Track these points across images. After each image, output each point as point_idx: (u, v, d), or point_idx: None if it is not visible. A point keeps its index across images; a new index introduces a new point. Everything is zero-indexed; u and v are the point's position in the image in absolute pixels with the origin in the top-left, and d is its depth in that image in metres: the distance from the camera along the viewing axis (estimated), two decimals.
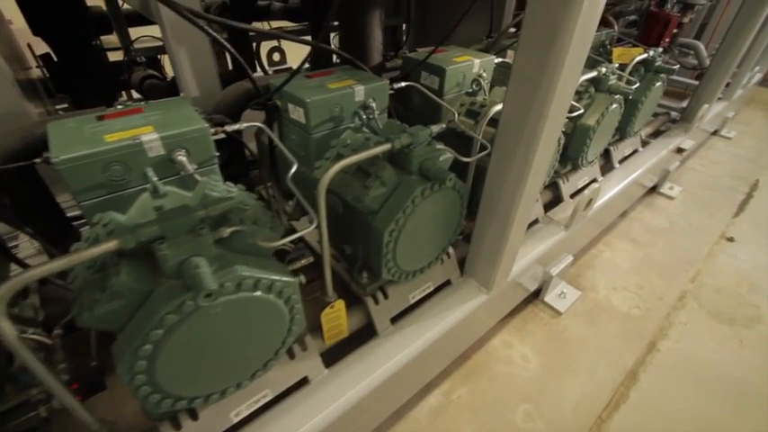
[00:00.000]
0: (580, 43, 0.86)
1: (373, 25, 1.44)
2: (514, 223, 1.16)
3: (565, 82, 0.90)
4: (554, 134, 1.04)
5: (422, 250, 1.19)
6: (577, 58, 0.90)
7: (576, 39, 0.84)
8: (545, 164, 1.10)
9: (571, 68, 0.90)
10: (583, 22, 0.82)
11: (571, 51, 0.85)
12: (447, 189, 1.10)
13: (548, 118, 0.94)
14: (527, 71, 0.93)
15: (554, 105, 0.93)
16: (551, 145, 1.06)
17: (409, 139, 1.00)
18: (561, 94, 0.93)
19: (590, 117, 1.66)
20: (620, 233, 2.42)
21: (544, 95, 0.92)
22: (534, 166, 1.04)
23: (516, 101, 0.99)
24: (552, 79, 0.89)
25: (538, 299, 1.94)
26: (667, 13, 2.91)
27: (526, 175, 1.05)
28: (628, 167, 2.20)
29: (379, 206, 1.04)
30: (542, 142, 0.99)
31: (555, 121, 0.98)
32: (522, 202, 1.11)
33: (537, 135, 0.98)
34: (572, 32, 0.83)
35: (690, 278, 2.13)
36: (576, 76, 0.94)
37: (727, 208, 2.69)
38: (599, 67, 1.65)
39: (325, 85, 1.20)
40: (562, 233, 1.68)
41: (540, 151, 1.02)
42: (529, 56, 0.92)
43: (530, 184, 1.08)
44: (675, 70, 1.99)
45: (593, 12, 0.84)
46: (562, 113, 1.00)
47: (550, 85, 0.90)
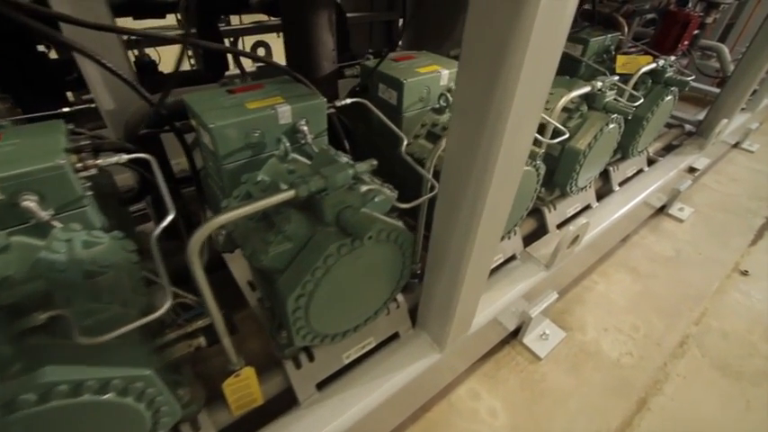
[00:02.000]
0: (537, 63, 0.64)
1: (319, 27, 1.22)
2: (466, 278, 0.94)
3: (520, 113, 0.68)
4: (512, 174, 0.81)
5: (351, 309, 0.98)
6: (536, 81, 0.67)
7: (531, 58, 0.61)
8: (502, 209, 0.87)
9: (527, 95, 0.67)
10: (540, 37, 0.60)
11: (525, 75, 0.62)
12: (378, 242, 0.89)
13: (498, 158, 0.72)
14: (468, 101, 0.71)
15: (507, 143, 0.70)
16: (509, 187, 0.84)
17: (321, 183, 0.79)
18: (516, 127, 0.70)
19: (581, 139, 1.42)
20: (618, 261, 2.18)
21: (491, 132, 0.69)
22: (486, 213, 0.82)
23: (459, 137, 0.77)
24: (501, 111, 0.66)
25: (516, 339, 1.72)
26: (687, 13, 2.61)
27: (475, 225, 0.83)
28: (629, 191, 1.94)
29: (286, 264, 0.84)
30: (495, 186, 0.77)
31: (511, 161, 0.76)
32: (475, 254, 0.89)
33: (486, 178, 0.75)
34: (523, 50, 0.60)
35: (694, 319, 1.88)
36: (537, 101, 0.72)
37: (743, 234, 2.41)
38: (594, 81, 1.40)
39: (244, 104, 1.00)
40: (542, 273, 1.45)
41: (494, 196, 0.79)
42: (469, 83, 0.70)
43: (482, 234, 0.86)
44: (689, 83, 1.72)
45: (554, 23, 0.61)
46: (521, 150, 0.78)
47: (499, 119, 0.67)
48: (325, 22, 1.23)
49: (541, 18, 0.57)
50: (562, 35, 0.63)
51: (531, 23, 0.57)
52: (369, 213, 0.90)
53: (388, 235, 0.90)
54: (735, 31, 3.61)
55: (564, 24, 0.62)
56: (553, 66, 0.67)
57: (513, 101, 0.65)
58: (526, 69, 0.61)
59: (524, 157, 0.79)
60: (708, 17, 3.02)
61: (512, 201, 0.86)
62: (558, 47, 0.64)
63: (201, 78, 2.20)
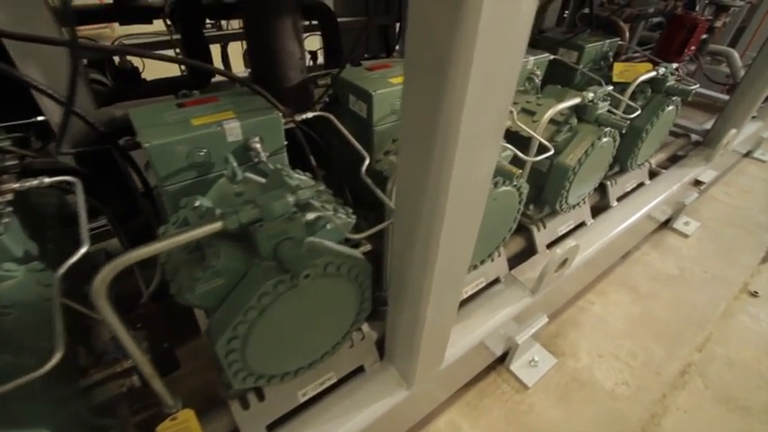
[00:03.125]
0: (487, 76, 0.54)
1: (282, 35, 1.13)
2: (427, 314, 0.84)
3: (472, 132, 0.58)
4: (472, 200, 0.71)
5: (302, 346, 0.89)
6: (490, 96, 0.56)
7: (478, 73, 0.51)
8: (464, 238, 0.77)
9: (479, 112, 0.56)
10: (489, 46, 0.50)
11: (472, 92, 0.52)
12: (326, 276, 0.80)
13: (450, 185, 0.62)
14: (412, 121, 0.61)
15: (460, 166, 0.60)
16: (471, 214, 0.74)
17: (255, 214, 0.70)
18: (470, 148, 0.60)
19: (570, 155, 1.31)
20: (617, 279, 2.05)
21: (440, 157, 0.60)
22: (444, 244, 0.71)
23: (408, 161, 0.68)
24: (448, 132, 0.56)
25: (503, 365, 1.61)
26: (694, 17, 2.48)
27: (432, 258, 0.73)
28: (628, 206, 1.82)
29: (219, 302, 0.75)
30: (452, 215, 0.67)
31: (468, 186, 0.66)
32: (435, 288, 0.79)
33: (438, 208, 0.65)
34: (468, 65, 0.50)
35: (697, 345, 1.75)
36: (493, 118, 0.61)
37: (753, 251, 2.27)
38: (585, 92, 1.29)
39: (190, 119, 0.92)
40: (527, 299, 1.35)
41: (452, 225, 0.69)
42: (413, 101, 0.60)
43: (442, 266, 0.76)
44: (691, 92, 1.60)
45: (506, 29, 0.51)
46: (481, 173, 0.67)
47: (447, 141, 0.57)
48: (289, 30, 1.14)
49: (488, 24, 0.47)
50: (518, 43, 0.53)
51: (473, 31, 0.47)
52: (317, 244, 0.81)
53: (338, 268, 0.81)
54: (746, 35, 3.46)
55: (519, 30, 0.52)
56: (511, 79, 0.57)
57: (461, 118, 0.55)
58: (474, 84, 0.51)
59: (485, 181, 0.69)
60: (717, 21, 2.88)
61: (476, 229, 0.76)
62: (514, 55, 0.54)
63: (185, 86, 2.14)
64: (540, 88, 1.56)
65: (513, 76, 0.56)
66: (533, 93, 1.50)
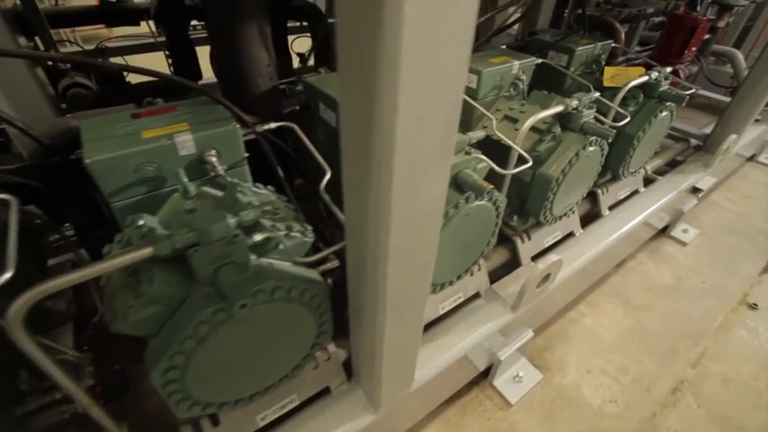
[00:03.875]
0: (420, 96, 0.48)
1: (246, 41, 1.09)
2: (385, 339, 0.79)
3: (411, 157, 0.53)
4: (424, 221, 0.66)
5: (255, 372, 0.84)
6: (427, 119, 0.51)
7: (409, 92, 0.46)
8: (422, 260, 0.72)
9: (418, 126, 0.51)
10: (417, 67, 0.45)
11: (405, 102, 0.47)
12: (274, 301, 0.75)
13: (391, 211, 0.57)
14: (349, 133, 0.56)
15: (400, 191, 0.55)
16: (425, 236, 0.69)
17: (190, 238, 0.65)
18: (411, 175, 0.55)
19: (553, 165, 1.26)
20: (609, 290, 1.98)
21: (378, 182, 0.54)
22: (395, 268, 0.66)
23: (351, 183, 0.62)
24: (382, 158, 0.51)
25: (487, 380, 1.56)
26: (694, 18, 2.40)
27: (382, 281, 0.68)
28: (620, 216, 1.76)
29: (156, 329, 0.71)
30: (399, 236, 0.62)
31: (415, 207, 0.60)
32: (392, 313, 0.74)
33: (381, 232, 0.60)
34: (395, 74, 0.45)
35: (691, 361, 1.68)
36: (441, 137, 0.56)
37: (753, 260, 2.19)
38: (569, 99, 1.23)
39: (140, 132, 0.87)
40: (507, 315, 1.29)
41: (401, 247, 0.64)
42: (349, 122, 0.55)
43: (396, 289, 0.71)
44: (685, 98, 1.53)
45: (438, 30, 0.46)
46: (433, 190, 0.62)
47: (382, 168, 0.52)
48: (254, 35, 1.09)
49: (413, 39, 0.42)
50: (455, 55, 0.48)
51: (396, 49, 0.42)
52: (266, 267, 0.76)
53: (288, 292, 0.76)
54: (752, 35, 3.35)
55: (456, 43, 0.46)
56: (454, 94, 0.51)
57: (394, 141, 0.50)
58: (406, 104, 0.46)
59: (436, 202, 0.63)
60: (720, 20, 2.79)
61: (432, 251, 0.71)
62: (454, 69, 0.48)
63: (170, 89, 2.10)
64: (526, 94, 1.50)
65: (456, 91, 0.51)
66: (518, 99, 1.44)
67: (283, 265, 0.79)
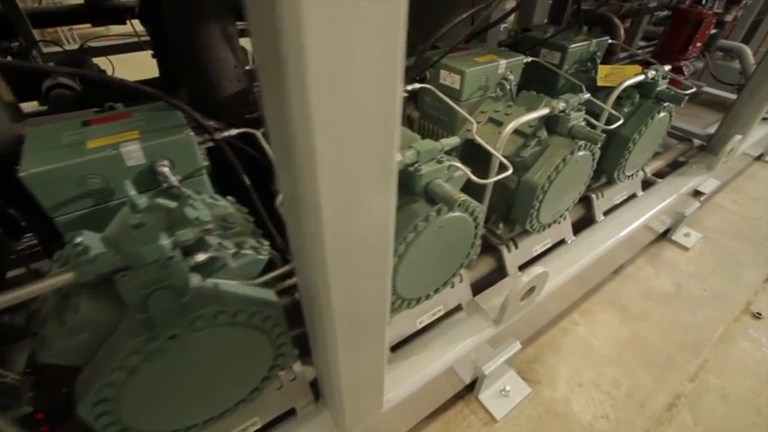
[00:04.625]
0: (341, 114, 0.42)
1: (209, 43, 1.02)
2: (340, 363, 0.73)
3: (340, 176, 0.46)
4: (371, 243, 0.59)
5: (203, 398, 0.79)
6: (353, 138, 0.45)
7: (325, 112, 0.40)
8: (374, 285, 0.66)
9: (342, 154, 0.45)
10: (331, 81, 0.38)
11: (319, 106, 0.40)
12: (218, 327, 0.69)
13: (324, 234, 0.50)
14: (279, 155, 0.50)
15: (332, 213, 0.49)
16: (375, 258, 0.62)
17: (116, 262, 0.59)
18: (341, 195, 0.49)
19: (538, 171, 1.18)
20: (605, 297, 1.91)
21: (307, 204, 0.48)
22: (340, 292, 0.60)
23: (287, 206, 0.56)
24: (305, 180, 0.45)
25: (472, 393, 1.50)
26: (699, 12, 2.29)
27: (328, 313, 0.62)
28: (615, 221, 1.68)
29: (87, 358, 0.65)
30: (340, 263, 0.56)
31: (355, 233, 0.54)
32: (344, 337, 0.68)
33: (317, 255, 0.54)
34: (300, 78, 0.38)
35: (689, 374, 1.60)
36: (376, 155, 0.49)
37: (759, 267, 2.09)
38: (555, 101, 1.15)
39: (87, 141, 0.82)
40: (489, 330, 1.22)
41: (344, 274, 0.58)
42: (273, 130, 0.49)
43: (345, 314, 0.65)
44: (684, 98, 1.44)
45: (361, 41, 0.39)
46: (375, 219, 0.56)
47: (306, 189, 0.46)
48: (218, 36, 1.03)
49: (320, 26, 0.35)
50: (383, 50, 0.41)
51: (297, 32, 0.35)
52: (209, 290, 0.70)
53: (234, 315, 0.70)
54: (762, 29, 3.22)
55: (382, 35, 0.40)
56: (385, 99, 0.44)
57: (315, 160, 0.43)
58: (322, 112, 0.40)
59: (382, 221, 0.57)
60: (727, 14, 2.68)
61: (385, 271, 0.65)
62: (384, 68, 0.42)
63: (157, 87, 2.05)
64: (515, 94, 1.42)
65: (388, 104, 0.44)
66: (505, 100, 1.36)
67: (231, 286, 0.73)
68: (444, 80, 1.35)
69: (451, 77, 1.32)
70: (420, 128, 1.53)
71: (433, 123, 1.47)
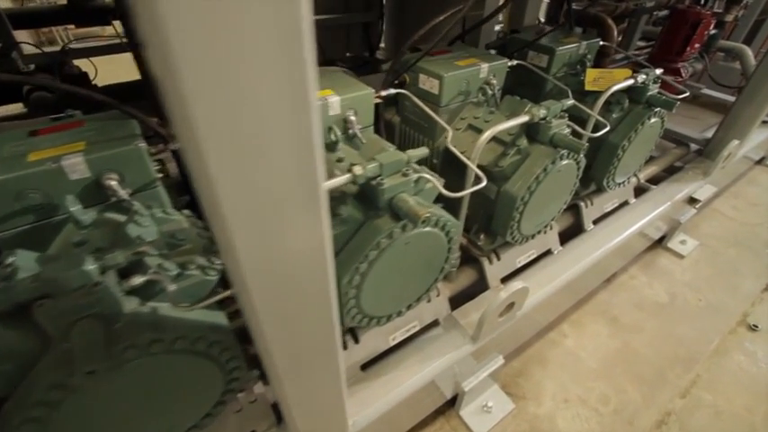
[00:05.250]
0: (248, 137, 0.37)
1: None
2: (287, 393, 0.68)
3: (253, 206, 0.41)
4: (304, 272, 0.54)
5: (142, 428, 0.74)
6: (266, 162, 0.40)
7: (202, 106, 0.35)
8: (315, 313, 0.61)
9: (252, 182, 0.40)
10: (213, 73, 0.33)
11: (209, 130, 0.35)
12: (154, 356, 0.65)
13: (242, 265, 0.46)
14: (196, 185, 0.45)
15: (251, 242, 0.44)
16: (312, 287, 0.57)
17: (34, 290, 0.55)
18: (261, 225, 0.44)
19: (518, 182, 1.13)
20: (596, 307, 1.85)
21: (221, 235, 0.43)
22: (272, 330, 0.55)
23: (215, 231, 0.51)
24: (212, 206, 0.40)
25: (454, 409, 1.44)
26: (697, 12, 2.23)
27: (264, 344, 0.57)
28: (605, 230, 1.62)
29: (10, 389, 0.61)
30: (268, 291, 0.51)
31: (283, 262, 0.49)
32: (286, 366, 0.63)
33: (241, 283, 0.49)
34: (180, 100, 0.34)
35: (681, 390, 1.54)
36: (302, 173, 0.44)
37: (757, 276, 2.03)
38: (536, 108, 1.10)
39: (28, 154, 0.77)
40: (467, 347, 1.17)
41: (277, 303, 0.53)
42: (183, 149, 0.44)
43: (282, 350, 0.60)
44: (676, 103, 1.38)
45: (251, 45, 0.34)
46: (308, 247, 0.51)
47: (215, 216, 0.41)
48: None
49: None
50: (285, 56, 0.36)
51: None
52: (143, 316, 0.66)
53: (172, 344, 0.66)
54: (764, 29, 3.13)
55: (285, 38, 0.34)
56: (298, 115, 0.39)
57: (216, 191, 0.38)
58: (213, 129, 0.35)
59: (316, 249, 0.52)
60: (727, 14, 2.60)
61: (327, 300, 0.60)
62: (289, 78, 0.36)
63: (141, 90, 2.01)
64: (498, 99, 1.37)
65: (302, 122, 0.39)
66: (486, 105, 1.31)
67: (173, 310, 0.68)
68: (423, 85, 1.30)
69: (430, 82, 1.27)
70: (401, 134, 1.48)
71: (414, 129, 1.42)
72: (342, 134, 1.06)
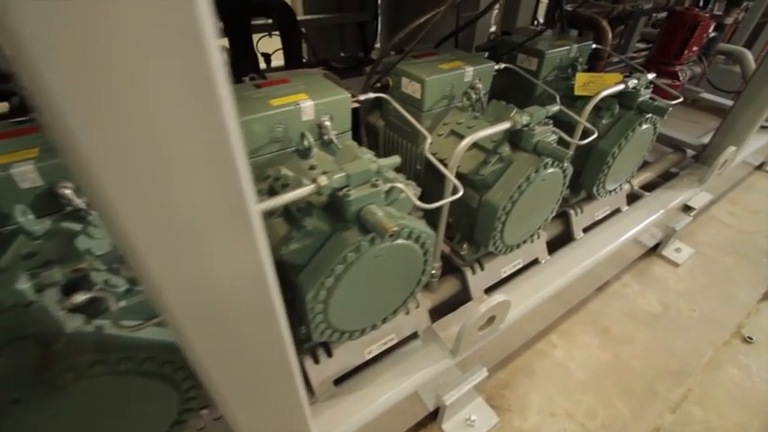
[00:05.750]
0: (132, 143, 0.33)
1: None
2: (238, 421, 0.65)
3: (166, 224, 0.38)
4: (249, 302, 0.51)
5: None
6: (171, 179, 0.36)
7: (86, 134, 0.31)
8: (260, 338, 0.57)
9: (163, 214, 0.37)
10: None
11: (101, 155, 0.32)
12: (97, 378, 0.61)
13: (170, 299, 0.42)
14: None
15: (166, 271, 0.41)
16: (252, 312, 0.54)
17: None
18: (177, 250, 0.40)
19: (499, 191, 1.09)
20: (587, 317, 1.81)
21: (139, 267, 0.40)
22: (210, 361, 0.52)
23: None
24: (121, 236, 0.37)
25: (436, 422, 1.41)
26: (694, 15, 2.18)
27: (205, 373, 0.53)
28: (595, 239, 1.57)
29: None
30: (200, 321, 0.47)
31: (211, 289, 0.46)
32: (234, 402, 0.60)
33: (169, 314, 0.46)
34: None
35: (671, 404, 1.50)
36: (225, 193, 0.41)
37: (753, 285, 1.98)
38: (518, 115, 1.06)
39: None
40: (446, 361, 1.13)
41: (214, 332, 0.50)
42: None
43: (224, 382, 0.56)
44: (668, 109, 1.34)
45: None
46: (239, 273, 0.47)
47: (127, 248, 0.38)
48: None
49: None
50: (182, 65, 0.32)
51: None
52: (88, 336, 0.62)
53: (116, 364, 0.62)
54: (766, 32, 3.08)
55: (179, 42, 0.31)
56: (205, 124, 0.36)
57: (116, 211, 0.35)
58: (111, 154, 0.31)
59: (256, 273, 0.48)
60: (727, 17, 2.55)
61: (275, 326, 0.56)
62: (197, 71, 0.33)
63: None
64: (484, 104, 1.33)
65: (219, 140, 0.35)
66: (471, 110, 1.27)
67: (118, 329, 0.65)
68: (406, 88, 1.26)
69: (412, 86, 1.23)
70: (385, 138, 1.44)
71: (398, 134, 1.38)
72: (316, 140, 1.02)
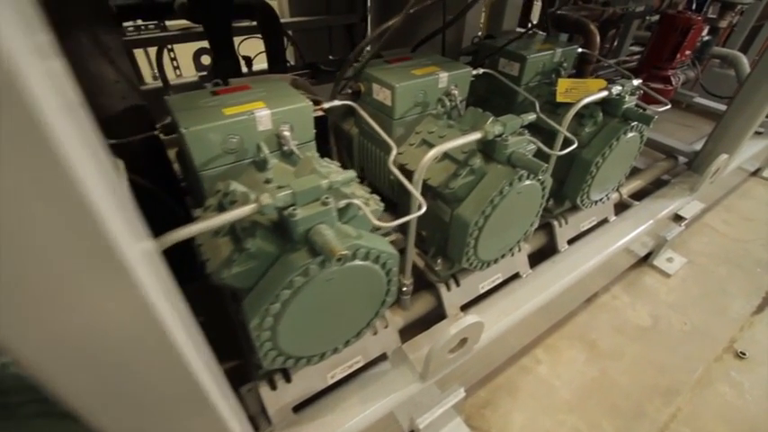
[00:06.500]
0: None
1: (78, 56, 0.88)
2: None
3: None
4: (139, 350, 0.44)
5: None
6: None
7: None
8: (167, 376, 0.51)
9: None
10: None
11: None
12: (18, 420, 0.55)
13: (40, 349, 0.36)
14: None
15: (29, 318, 0.35)
16: (159, 364, 0.47)
17: None
18: (39, 295, 0.34)
19: (471, 205, 1.02)
20: (574, 331, 1.74)
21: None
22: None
23: None
24: None
25: None
26: (687, 18, 2.12)
27: None
28: (581, 251, 1.51)
29: None
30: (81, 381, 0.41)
31: (95, 339, 0.39)
32: None
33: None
34: None
35: (659, 425, 1.43)
36: (79, 230, 0.35)
37: (747, 297, 1.91)
38: (491, 124, 0.99)
39: None
40: (415, 385, 1.07)
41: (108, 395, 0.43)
42: None
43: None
44: (654, 118, 1.28)
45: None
46: (133, 321, 0.41)
47: None
48: (87, 48, 0.89)
49: None
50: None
51: None
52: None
53: (40, 404, 0.56)
54: (761, 36, 3.02)
55: None
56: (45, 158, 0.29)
57: None
58: None
59: (142, 318, 0.41)
60: (721, 20, 2.49)
61: (184, 365, 0.50)
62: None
63: None
64: (461, 111, 1.27)
65: (55, 170, 0.29)
66: (446, 118, 1.21)
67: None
68: (377, 95, 1.20)
69: (383, 92, 1.17)
70: (359, 147, 1.38)
71: (371, 142, 1.32)
72: (274, 151, 0.96)
